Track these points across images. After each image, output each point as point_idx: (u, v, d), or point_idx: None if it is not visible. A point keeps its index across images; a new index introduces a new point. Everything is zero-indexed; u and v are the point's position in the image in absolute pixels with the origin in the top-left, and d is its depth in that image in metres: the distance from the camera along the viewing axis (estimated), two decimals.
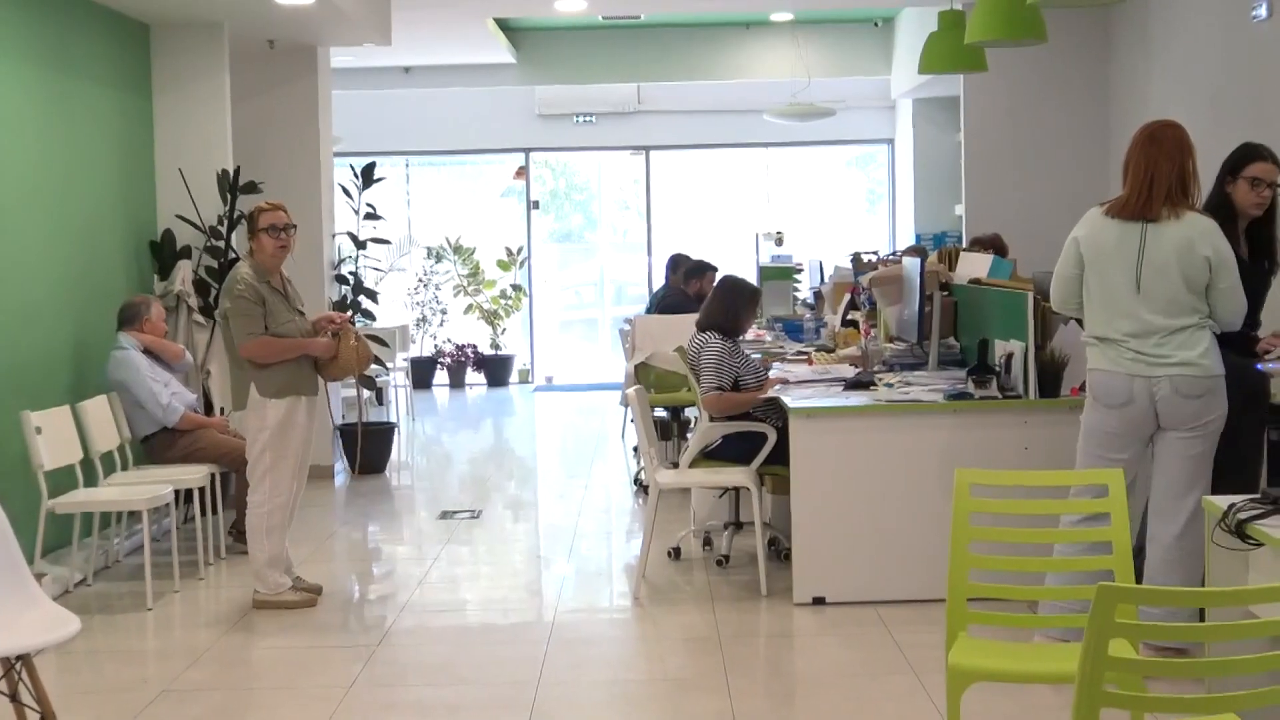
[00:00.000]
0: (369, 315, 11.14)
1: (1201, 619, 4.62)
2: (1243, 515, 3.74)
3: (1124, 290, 5.53)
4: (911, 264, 8.16)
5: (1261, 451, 5.84)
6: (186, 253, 9.28)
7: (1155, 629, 3.38)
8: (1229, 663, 3.15)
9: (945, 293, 8.04)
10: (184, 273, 9.16)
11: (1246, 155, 5.92)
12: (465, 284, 17.54)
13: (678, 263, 11.74)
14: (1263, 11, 8.26)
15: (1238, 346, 5.75)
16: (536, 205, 17.85)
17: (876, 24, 15.39)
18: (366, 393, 11.29)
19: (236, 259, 8.87)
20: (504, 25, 14.49)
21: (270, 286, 7.02)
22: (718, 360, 7.29)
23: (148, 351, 8.16)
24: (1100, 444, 5.64)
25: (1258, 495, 3.91)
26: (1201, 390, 5.46)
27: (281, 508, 7.09)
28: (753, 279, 12.17)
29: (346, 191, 11.09)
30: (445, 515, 9.43)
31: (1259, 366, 5.77)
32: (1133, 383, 5.51)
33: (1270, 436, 5.78)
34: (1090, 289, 5.65)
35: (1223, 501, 3.90)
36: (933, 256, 8.83)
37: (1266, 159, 5.90)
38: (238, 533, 8.07)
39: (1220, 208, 5.86)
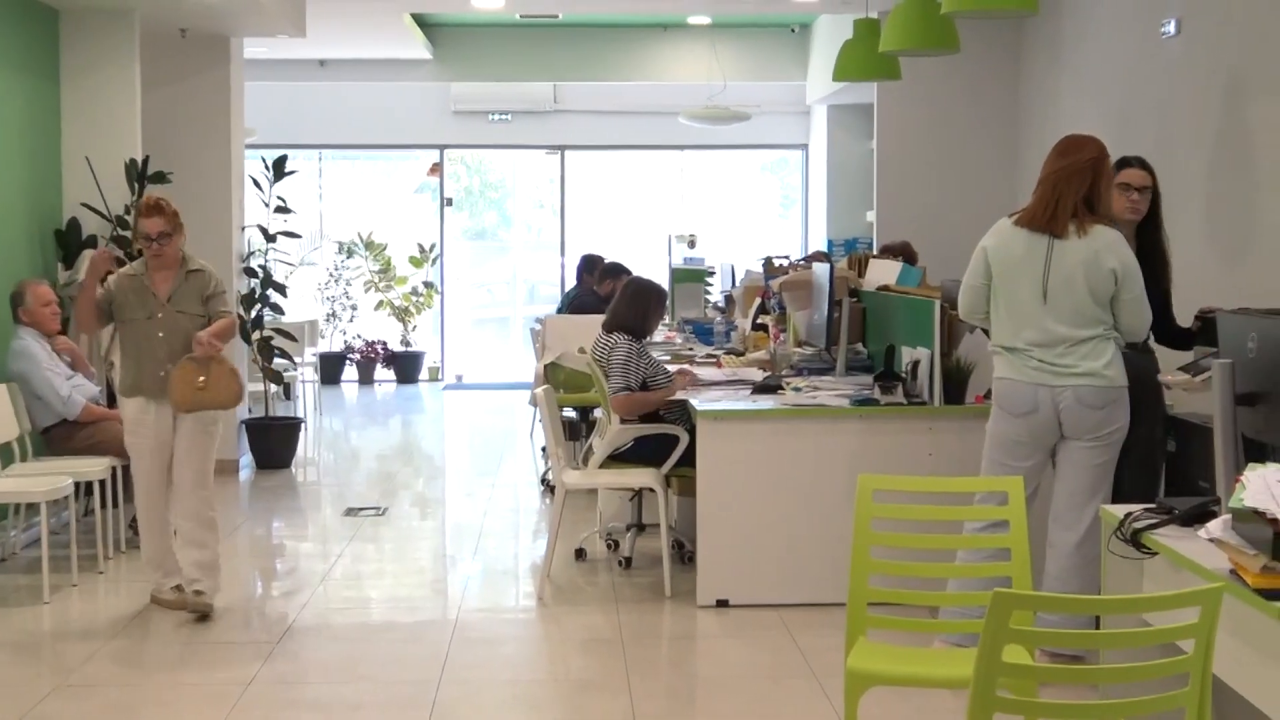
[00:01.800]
0: (277, 309, 11.05)
1: (1098, 626, 4.68)
2: (1138, 524, 3.79)
3: (1030, 300, 5.59)
4: (821, 270, 8.22)
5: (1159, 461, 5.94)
6: (92, 242, 9.15)
7: (1049, 635, 3.41)
8: (1121, 670, 3.19)
9: (854, 299, 8.09)
10: (88, 262, 9.02)
11: (1117, 164, 6.03)
12: (376, 280, 17.44)
13: (591, 263, 11.73)
14: (1171, 29, 8.37)
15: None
16: (450, 202, 17.78)
17: (793, 30, 15.45)
18: (274, 387, 11.19)
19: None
20: (421, 21, 14.42)
21: (141, 283, 6.78)
22: (625, 361, 7.29)
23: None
24: (1005, 452, 5.70)
25: (1153, 505, 3.95)
26: (1105, 401, 5.53)
27: (145, 507, 6.93)
28: (665, 281, 12.22)
29: (257, 184, 10.99)
30: (351, 512, 9.36)
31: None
32: (1037, 392, 5.57)
33: (1168, 447, 5.86)
34: (998, 299, 5.70)
35: (1119, 511, 3.95)
36: (842, 263, 8.88)
37: (1134, 165, 6.06)
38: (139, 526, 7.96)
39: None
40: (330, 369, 16.88)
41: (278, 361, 11.19)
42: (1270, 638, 3.08)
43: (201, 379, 6.67)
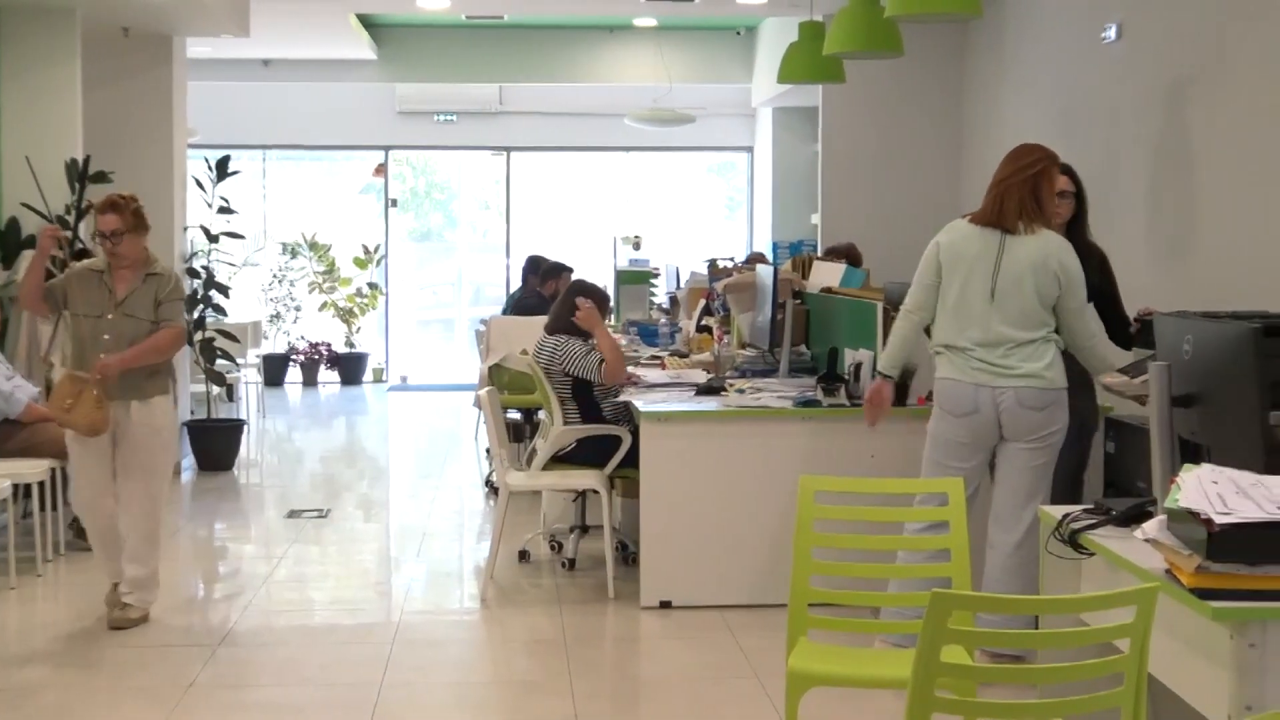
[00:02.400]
0: (220, 310, 10.98)
1: (1037, 626, 4.71)
2: (1076, 525, 3.81)
3: (978, 299, 5.63)
4: (765, 271, 8.24)
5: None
6: (32, 242, 9.06)
7: (987, 635, 3.43)
8: (1058, 669, 3.21)
9: (798, 301, 8.12)
10: (28, 262, 8.94)
11: None
12: (321, 281, 17.37)
13: (535, 264, 11.72)
14: (1112, 34, 8.43)
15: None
16: (395, 203, 17.72)
17: (739, 32, 15.49)
18: (216, 388, 11.12)
19: (84, 249, 8.70)
20: (366, 21, 14.38)
21: (101, 279, 6.68)
22: (583, 350, 7.31)
23: None
24: (945, 453, 5.73)
25: (1091, 505, 3.98)
26: (1045, 403, 5.58)
27: (84, 509, 6.79)
28: (610, 282, 12.24)
29: (200, 184, 10.92)
30: (293, 514, 9.32)
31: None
32: (978, 392, 5.61)
33: (1106, 448, 5.91)
34: (945, 296, 5.74)
35: (1057, 511, 3.98)
36: (786, 265, 8.91)
37: (1060, 171, 6.13)
38: (78, 528, 7.88)
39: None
40: (274, 370, 16.79)
41: (220, 363, 11.12)
42: (1204, 636, 3.11)
43: (69, 401, 6.50)
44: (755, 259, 9.94)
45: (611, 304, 10.51)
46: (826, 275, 8.27)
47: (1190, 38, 7.53)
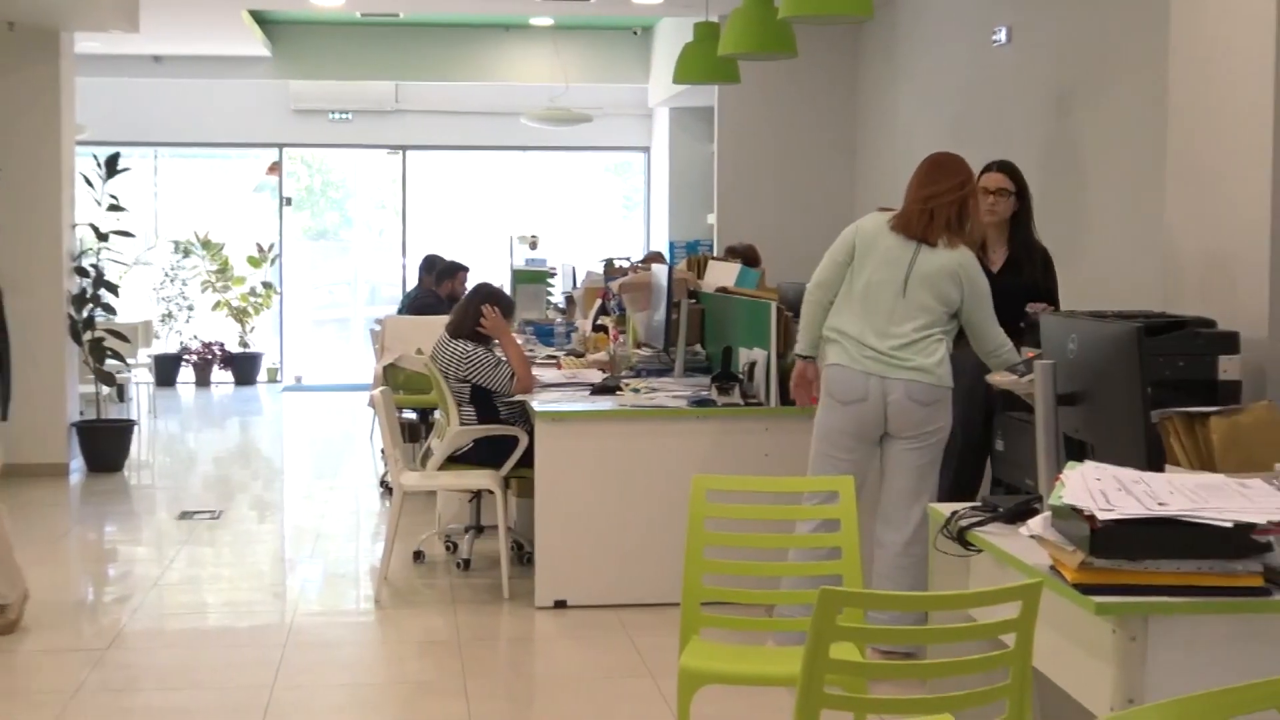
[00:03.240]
0: (110, 310, 10.83)
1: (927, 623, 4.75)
2: (964, 522, 3.85)
3: (886, 293, 5.70)
4: (660, 271, 8.25)
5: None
6: None
7: (875, 632, 3.46)
8: (945, 665, 3.24)
9: (693, 300, 8.14)
10: None
11: (983, 168, 6.22)
12: (214, 280, 17.18)
13: (431, 264, 11.66)
14: (1002, 37, 8.54)
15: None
16: (289, 202, 17.57)
17: (636, 32, 15.50)
18: (106, 389, 10.97)
19: None
20: (259, 18, 14.23)
21: None
22: (493, 362, 7.29)
23: None
24: (831, 443, 5.79)
25: (979, 503, 4.03)
26: (931, 399, 5.66)
27: None
28: (507, 282, 12.20)
29: (89, 182, 10.76)
30: (185, 515, 9.21)
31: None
32: (868, 380, 5.68)
33: (995, 446, 5.98)
34: (853, 283, 5.78)
35: (945, 509, 4.01)
36: (682, 264, 8.93)
37: (992, 170, 6.23)
38: None
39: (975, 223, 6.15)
40: (166, 370, 16.60)
41: (110, 363, 10.97)
42: (1087, 631, 3.15)
43: None
44: (652, 258, 9.95)
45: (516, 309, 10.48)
46: (721, 275, 8.30)
47: (1077, 43, 7.64)
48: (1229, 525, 3.01)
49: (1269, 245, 4.96)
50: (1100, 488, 3.15)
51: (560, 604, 6.79)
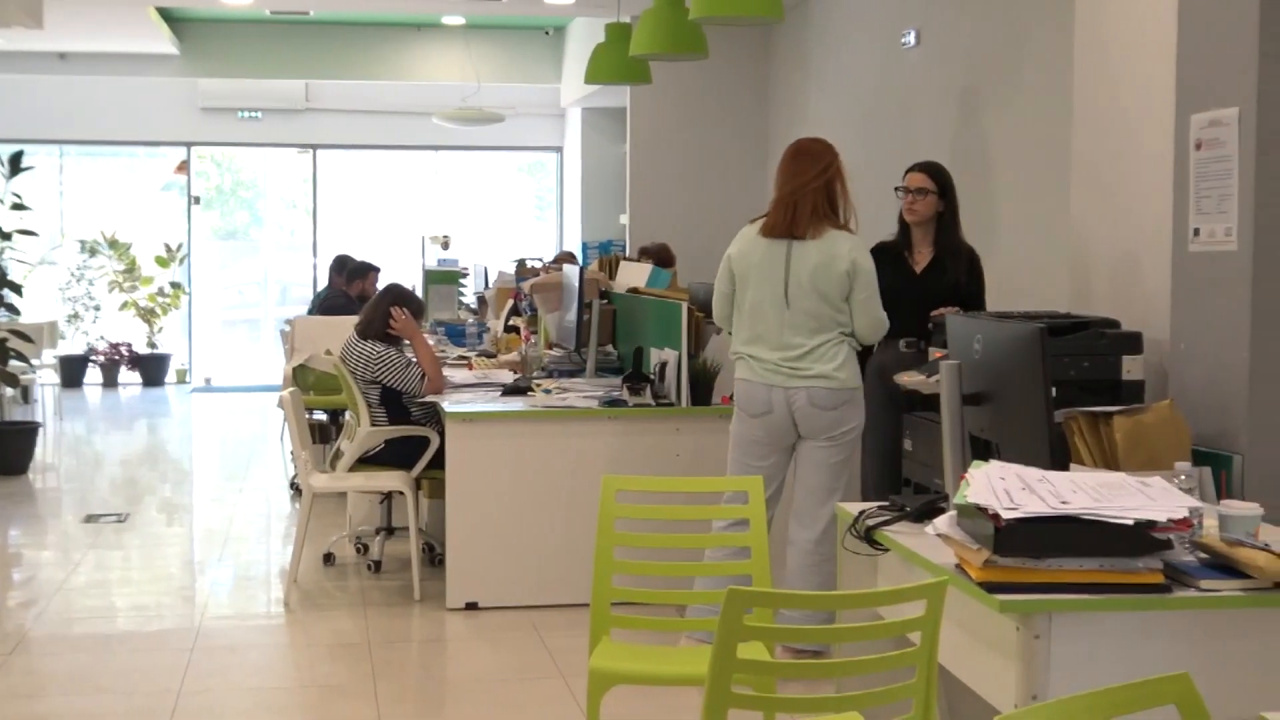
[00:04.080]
0: (13, 310, 10.67)
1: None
2: (871, 522, 3.88)
3: (770, 304, 5.71)
4: (571, 272, 8.25)
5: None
6: None
7: (782, 631, 3.48)
8: (851, 663, 3.27)
9: (605, 301, 8.14)
10: None
11: (908, 168, 6.28)
12: (121, 280, 16.98)
13: (342, 264, 11.58)
14: (911, 39, 8.60)
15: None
16: (198, 201, 17.40)
17: (548, 32, 15.49)
18: (9, 390, 10.81)
19: None
20: (167, 15, 14.08)
21: None
22: (404, 364, 7.25)
23: None
24: (745, 451, 5.81)
25: (886, 502, 4.06)
26: (837, 402, 5.69)
27: None
28: (418, 282, 12.15)
29: None
30: (91, 519, 9.09)
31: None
32: (771, 393, 5.70)
33: (905, 445, 6.03)
34: (741, 303, 5.81)
35: (853, 508, 4.04)
36: (593, 265, 8.93)
37: (915, 169, 6.29)
38: None
39: (901, 218, 6.35)
40: (72, 372, 16.39)
41: (14, 364, 10.81)
42: (992, 628, 3.18)
43: None
44: (564, 259, 9.94)
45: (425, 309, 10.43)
46: (633, 275, 8.31)
47: (985, 45, 7.72)
48: (1130, 523, 3.05)
49: (1170, 247, 5.03)
50: (1004, 487, 3.18)
51: (471, 605, 6.77)
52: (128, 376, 16.96)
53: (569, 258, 9.94)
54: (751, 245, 5.80)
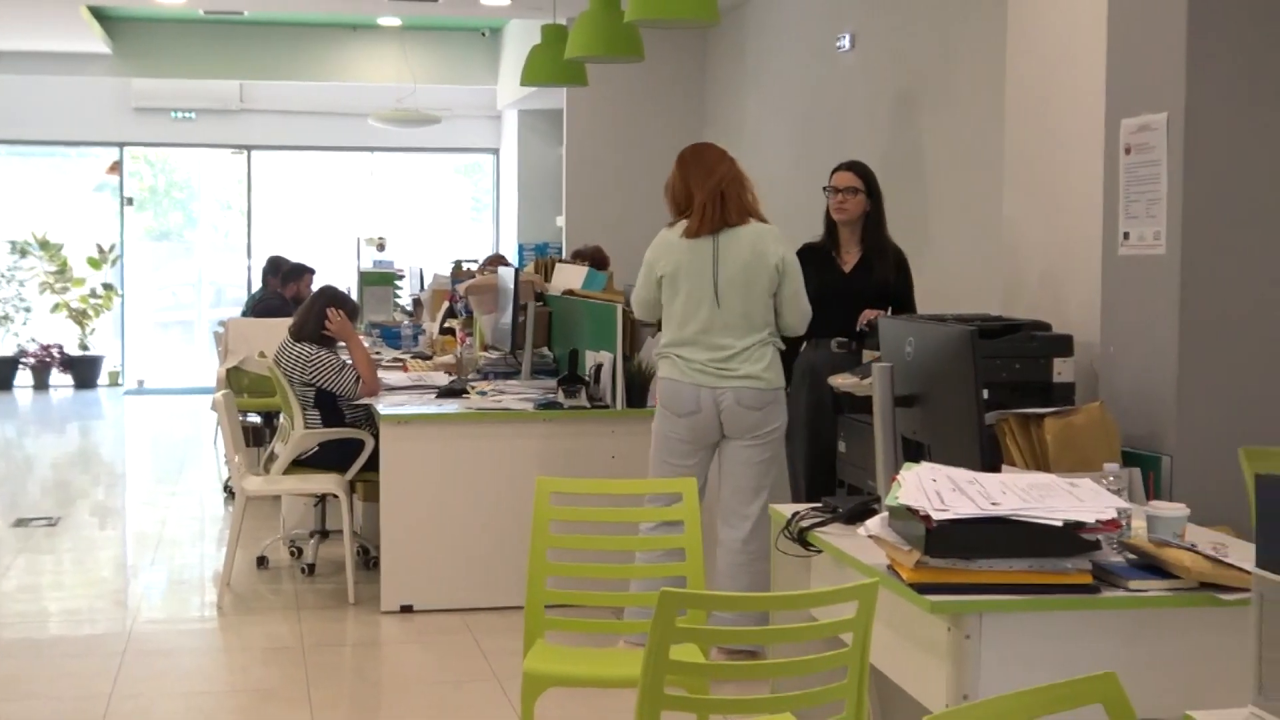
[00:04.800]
0: None
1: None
2: (805, 523, 3.89)
3: (701, 305, 5.74)
4: (507, 274, 8.24)
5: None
6: None
7: (716, 633, 3.49)
8: (784, 664, 3.28)
9: (540, 303, 8.14)
10: None
11: (835, 168, 6.31)
12: (52, 281, 16.81)
13: (276, 265, 11.51)
14: (846, 42, 8.65)
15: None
16: (131, 202, 17.25)
17: (484, 34, 15.46)
18: None
19: None
20: (99, 14, 13.96)
21: None
22: (338, 366, 7.21)
23: None
24: (669, 450, 5.83)
25: (820, 504, 4.07)
26: (763, 402, 5.75)
27: None
28: (353, 284, 12.09)
29: None
30: (21, 523, 8.99)
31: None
32: (699, 392, 5.73)
33: (839, 447, 6.05)
34: (670, 305, 5.83)
35: (787, 510, 4.05)
36: (529, 267, 8.92)
37: (842, 169, 6.33)
38: None
39: (827, 218, 6.37)
40: (2, 374, 16.23)
41: None
42: (923, 629, 3.20)
43: None
44: (494, 261, 9.93)
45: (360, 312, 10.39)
46: (569, 278, 8.31)
47: (918, 49, 7.76)
48: (1059, 524, 3.08)
49: (1100, 250, 5.08)
50: (935, 488, 3.20)
51: (406, 608, 6.75)
52: (59, 379, 16.79)
53: (500, 260, 9.92)
54: (675, 248, 5.83)
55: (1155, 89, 4.75)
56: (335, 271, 13.47)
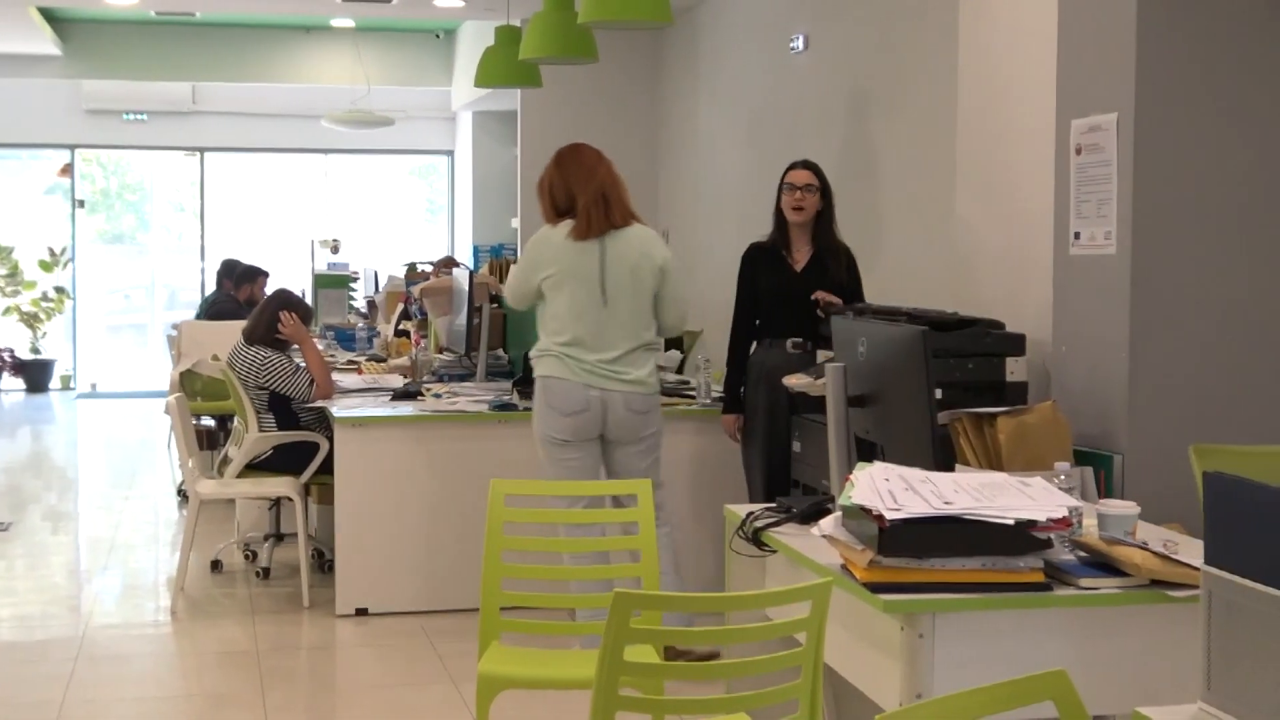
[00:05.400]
0: None
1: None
2: (759, 523, 3.90)
3: (590, 307, 5.79)
4: (461, 275, 8.22)
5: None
6: None
7: (670, 634, 3.49)
8: (739, 664, 3.29)
9: (495, 305, 8.12)
10: None
11: (789, 166, 6.31)
12: (3, 285, 16.69)
13: (230, 268, 11.46)
14: (800, 44, 8.66)
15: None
16: (82, 204, 17.14)
17: (438, 35, 15.43)
18: None
19: None
20: (49, 15, 13.85)
21: None
22: (292, 369, 7.19)
23: None
24: (558, 447, 5.86)
25: (774, 504, 4.08)
26: (647, 407, 5.88)
27: None
28: (308, 286, 12.05)
29: None
30: None
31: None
32: (589, 393, 5.80)
33: (794, 447, 6.07)
34: (555, 305, 5.86)
35: (741, 510, 4.06)
36: (484, 269, 8.91)
37: (799, 167, 6.31)
38: None
39: (777, 219, 6.32)
40: None
41: None
42: (877, 628, 3.22)
43: None
44: (446, 263, 9.90)
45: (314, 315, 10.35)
46: None
47: (872, 51, 7.79)
48: (1011, 523, 3.10)
49: (1051, 249, 5.11)
50: (888, 488, 3.21)
51: (361, 612, 6.73)
52: (10, 383, 16.68)
53: (451, 262, 9.90)
54: (562, 250, 5.86)
55: (1105, 90, 4.78)
56: (289, 274, 13.40)
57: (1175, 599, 3.17)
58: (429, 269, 10.24)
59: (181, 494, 9.80)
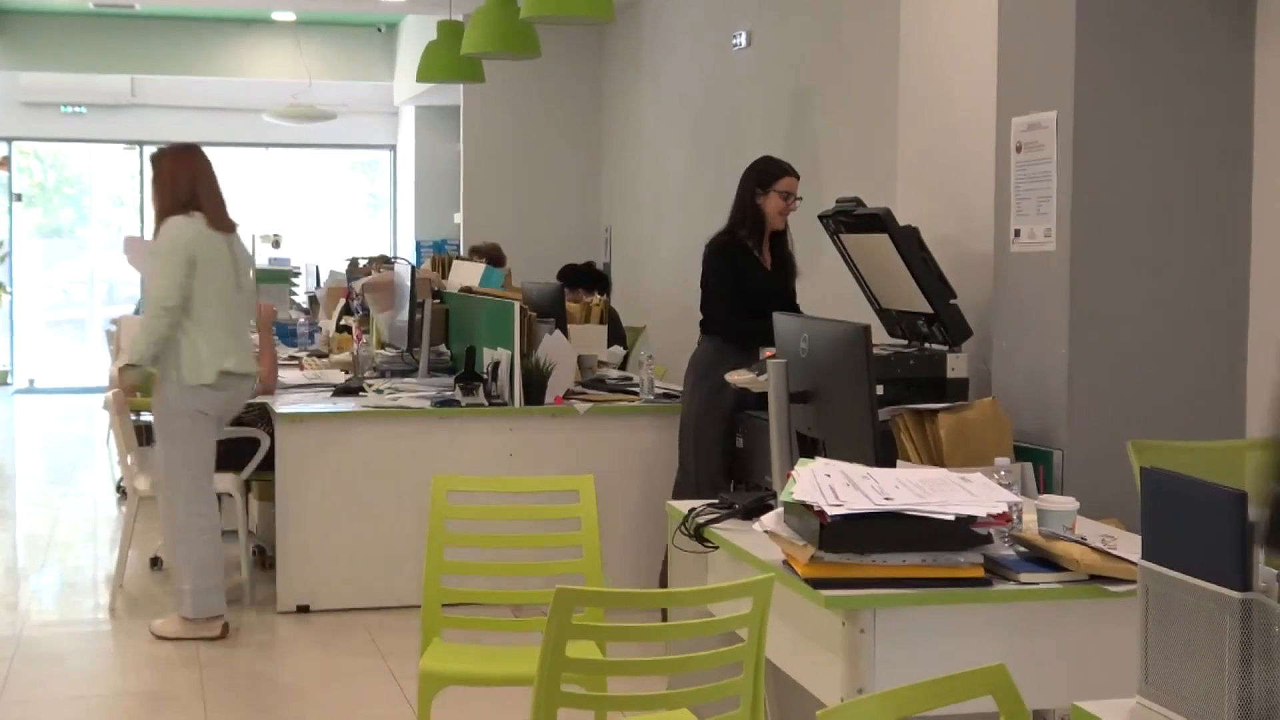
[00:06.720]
0: None
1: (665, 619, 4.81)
2: (701, 519, 3.90)
3: (232, 299, 6.22)
4: (403, 271, 8.19)
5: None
6: None
7: (612, 630, 3.49)
8: (681, 660, 3.29)
9: (437, 300, 8.10)
10: None
11: (778, 171, 6.27)
12: None
13: None
14: (742, 40, 8.68)
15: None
16: (19, 198, 16.96)
17: (380, 29, 15.36)
18: None
19: None
20: None
21: None
22: None
23: None
24: (205, 462, 6.33)
25: (716, 500, 4.09)
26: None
27: None
28: None
29: None
30: None
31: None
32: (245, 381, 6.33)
33: (737, 443, 6.08)
34: (205, 296, 6.13)
35: (684, 506, 4.06)
36: (426, 264, 8.88)
37: (792, 174, 6.26)
38: None
39: (751, 218, 6.21)
40: None
41: None
42: (818, 624, 3.23)
43: None
44: (381, 262, 9.85)
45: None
46: (466, 275, 8.28)
47: (814, 48, 7.81)
48: (951, 518, 3.11)
49: (993, 246, 5.14)
50: (830, 484, 3.22)
51: (303, 608, 6.69)
52: None
53: (385, 261, 9.86)
54: (208, 239, 6.21)
55: (1045, 88, 4.81)
56: None
57: (1113, 594, 3.19)
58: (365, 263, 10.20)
59: (121, 490, 9.72)
